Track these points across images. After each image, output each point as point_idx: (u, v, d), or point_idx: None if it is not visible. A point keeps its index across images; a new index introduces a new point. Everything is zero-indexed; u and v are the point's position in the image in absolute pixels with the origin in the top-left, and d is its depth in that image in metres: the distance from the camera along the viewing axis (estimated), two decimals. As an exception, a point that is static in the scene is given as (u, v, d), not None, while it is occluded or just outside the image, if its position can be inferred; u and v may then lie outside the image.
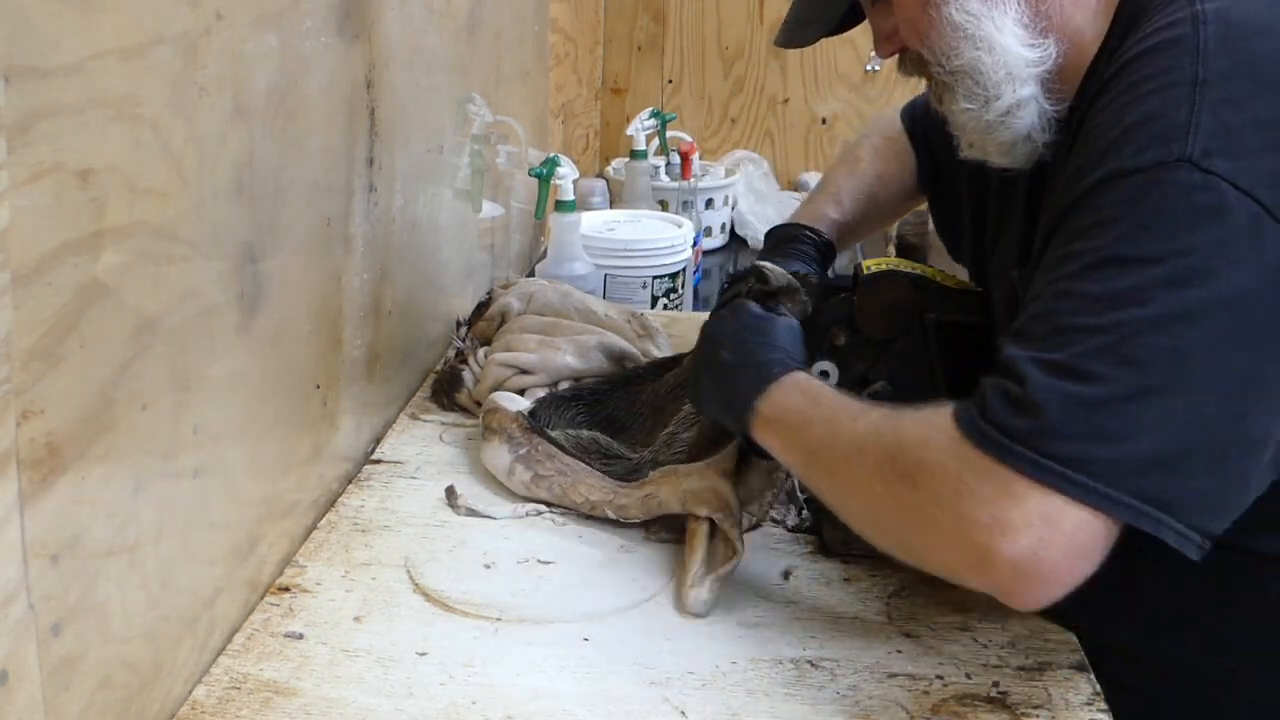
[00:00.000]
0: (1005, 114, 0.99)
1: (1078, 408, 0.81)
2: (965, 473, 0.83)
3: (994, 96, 0.98)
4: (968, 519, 0.82)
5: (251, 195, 0.94)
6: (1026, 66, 0.97)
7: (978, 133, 1.01)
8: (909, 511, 0.87)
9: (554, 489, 1.18)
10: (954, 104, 1.01)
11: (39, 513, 0.68)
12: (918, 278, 1.14)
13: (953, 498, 0.83)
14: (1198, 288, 0.81)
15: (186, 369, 0.85)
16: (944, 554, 0.86)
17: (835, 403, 0.98)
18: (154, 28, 0.78)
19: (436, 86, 1.48)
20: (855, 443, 0.92)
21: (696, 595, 1.02)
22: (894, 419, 0.91)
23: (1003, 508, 0.81)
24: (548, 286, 1.56)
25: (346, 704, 0.89)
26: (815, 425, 0.96)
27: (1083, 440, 0.80)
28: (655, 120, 2.47)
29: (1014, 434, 0.81)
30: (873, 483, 0.89)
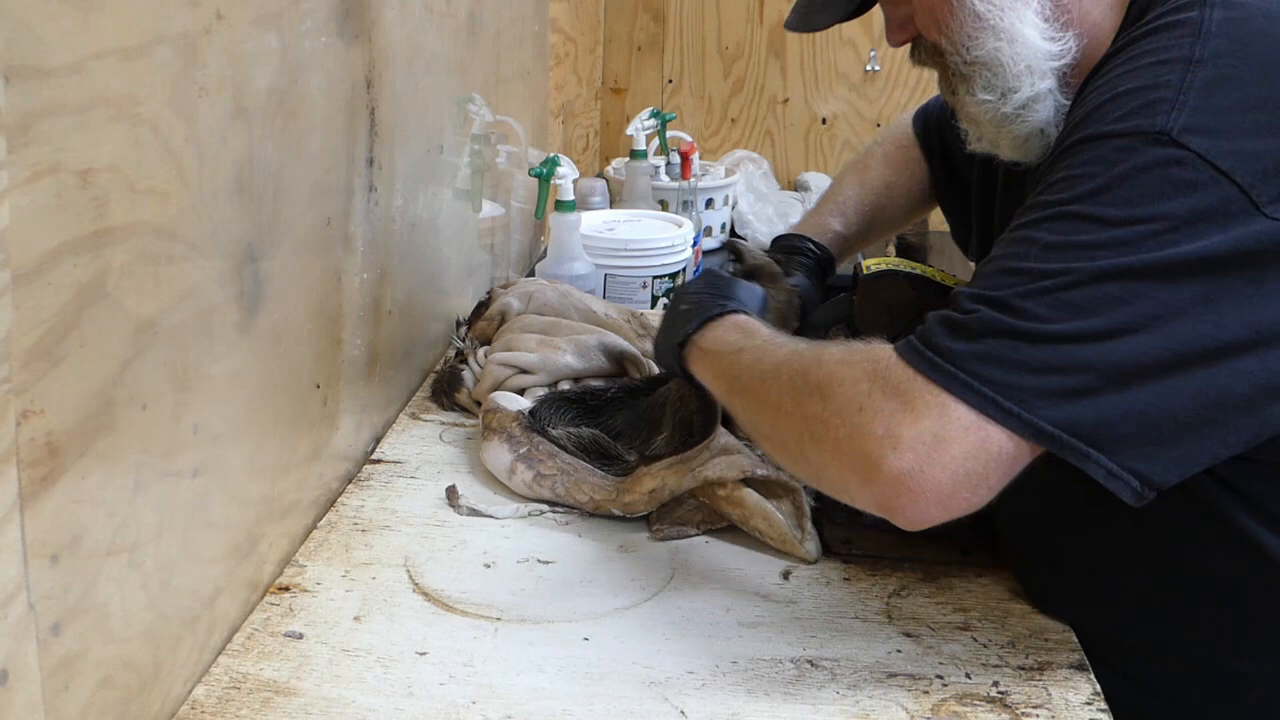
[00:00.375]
0: (1022, 107, 0.99)
1: (1013, 338, 0.82)
2: (875, 388, 0.85)
3: (1012, 89, 0.98)
4: (863, 430, 0.84)
5: (251, 195, 0.94)
6: (1046, 60, 0.98)
7: (992, 125, 1.01)
8: (810, 424, 0.89)
9: (556, 488, 1.18)
10: (969, 95, 1.01)
11: (39, 513, 0.68)
12: (917, 277, 1.15)
13: (854, 411, 0.85)
14: (1153, 252, 0.81)
15: (186, 369, 0.85)
16: (834, 466, 0.87)
17: (769, 335, 1.01)
18: (154, 28, 0.78)
19: (436, 86, 1.48)
20: (776, 364, 0.95)
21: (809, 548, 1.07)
22: (821, 345, 0.95)
23: (899, 422, 0.83)
24: (548, 286, 1.56)
25: (346, 704, 0.89)
26: (745, 354, 1.00)
27: (1016, 369, 0.82)
28: (655, 120, 2.47)
29: (947, 354, 0.84)
30: (782, 397, 0.92)
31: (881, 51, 2.93)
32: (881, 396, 0.84)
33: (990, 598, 1.05)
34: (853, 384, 0.86)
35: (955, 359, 0.83)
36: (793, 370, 0.93)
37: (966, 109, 1.03)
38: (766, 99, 3.00)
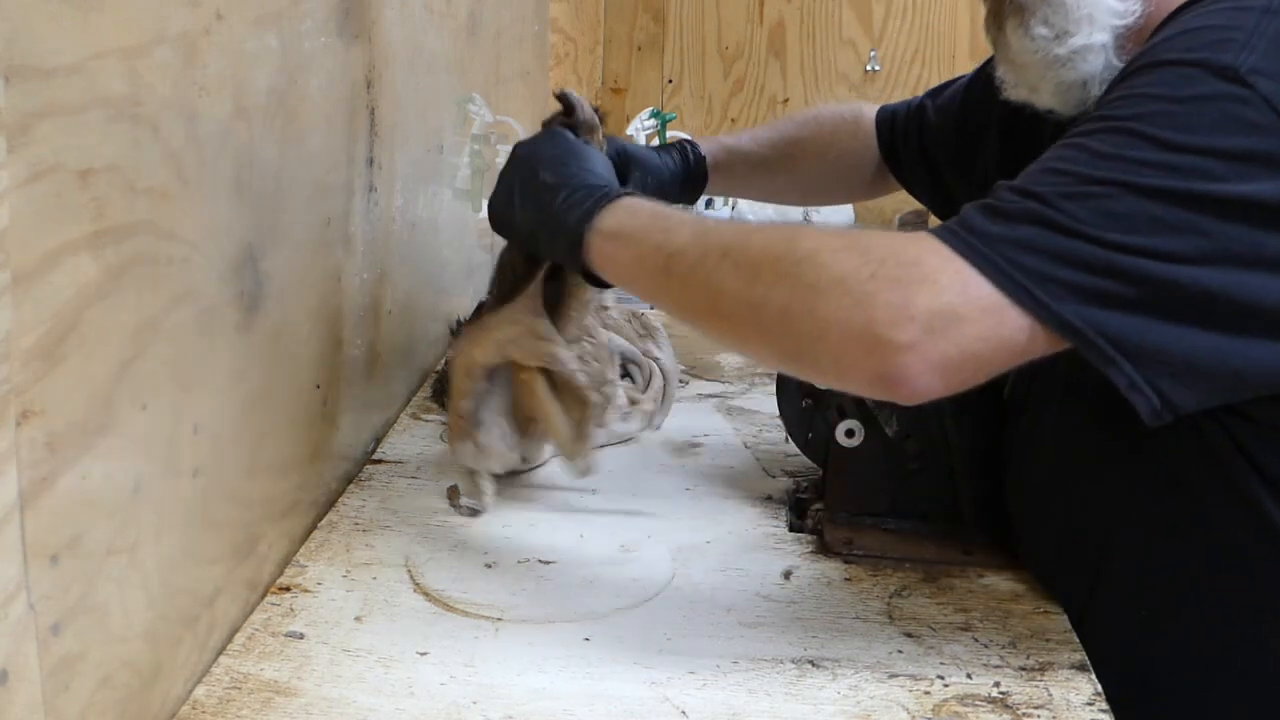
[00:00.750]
0: (1074, 53, 0.98)
1: (1052, 230, 0.82)
2: (890, 258, 0.82)
3: (1069, 32, 0.98)
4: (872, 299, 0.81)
5: (251, 195, 0.94)
6: (1109, 16, 0.98)
7: (1040, 66, 1.00)
8: (801, 294, 0.84)
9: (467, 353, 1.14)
10: (1022, 30, 1.00)
11: (39, 513, 0.68)
12: (918, 277, 1.14)
13: (864, 279, 0.81)
14: (1202, 184, 0.81)
15: (186, 369, 0.85)
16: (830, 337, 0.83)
17: (692, 216, 0.97)
18: (154, 28, 0.78)
19: (436, 86, 1.48)
20: (739, 237, 0.90)
21: (579, 465, 0.99)
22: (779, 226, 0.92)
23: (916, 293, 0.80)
24: (548, 286, 1.56)
25: (347, 704, 0.89)
26: (675, 232, 0.93)
27: (1052, 260, 0.81)
28: (655, 120, 2.46)
29: (982, 235, 0.82)
30: (759, 270, 0.87)
31: (881, 51, 2.93)
32: (897, 266, 0.82)
33: (992, 598, 1.05)
34: (861, 252, 0.83)
35: (990, 241, 0.82)
36: (771, 240, 0.88)
37: (1012, 48, 1.02)
38: (766, 99, 3.00)
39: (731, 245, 0.90)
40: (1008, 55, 1.04)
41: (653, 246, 0.93)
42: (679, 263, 0.91)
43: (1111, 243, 0.81)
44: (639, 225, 0.96)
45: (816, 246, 0.85)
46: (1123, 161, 0.83)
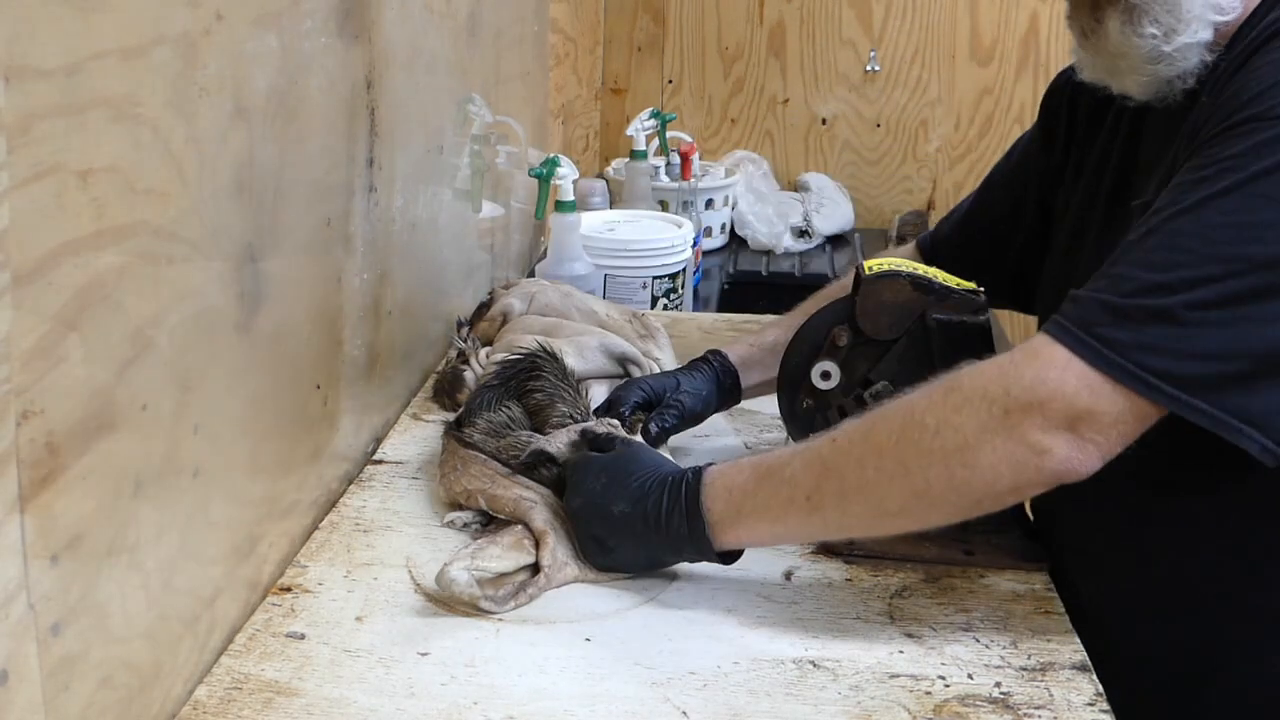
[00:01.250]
0: (1177, 50, 1.00)
1: (1175, 327, 0.87)
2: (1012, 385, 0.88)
3: (1176, 31, 0.99)
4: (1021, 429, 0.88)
5: (251, 195, 0.94)
6: (1213, 12, 0.99)
7: (1141, 61, 1.01)
8: (956, 456, 0.89)
9: (447, 484, 1.17)
10: (1129, 28, 1.01)
11: (39, 513, 0.68)
12: (919, 278, 1.14)
13: (1000, 415, 0.88)
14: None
15: (186, 369, 0.85)
16: (1008, 475, 0.90)
17: (784, 454, 0.99)
18: (154, 28, 0.78)
19: (436, 86, 1.48)
20: (859, 444, 0.94)
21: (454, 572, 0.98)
22: (877, 409, 0.95)
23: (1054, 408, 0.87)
24: (549, 287, 1.56)
25: (348, 704, 0.88)
26: (791, 478, 0.96)
27: (1177, 358, 0.86)
28: (655, 120, 2.47)
29: (1109, 342, 0.87)
30: (904, 460, 0.91)
31: (881, 52, 2.93)
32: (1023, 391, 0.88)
33: (993, 598, 1.05)
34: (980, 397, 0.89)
35: (1118, 348, 0.87)
36: (892, 429, 0.92)
37: (1111, 39, 1.02)
38: (766, 99, 3.00)
39: (858, 454, 0.94)
40: (1104, 45, 1.04)
41: (783, 503, 0.97)
42: (821, 498, 0.95)
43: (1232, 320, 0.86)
44: (749, 496, 0.98)
45: (939, 414, 0.90)
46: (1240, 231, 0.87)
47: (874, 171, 3.01)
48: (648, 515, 1.01)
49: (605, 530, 1.03)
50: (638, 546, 1.03)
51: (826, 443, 0.96)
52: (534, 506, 1.08)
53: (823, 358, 1.17)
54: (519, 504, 1.09)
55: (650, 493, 1.01)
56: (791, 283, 2.55)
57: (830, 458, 0.95)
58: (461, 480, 1.14)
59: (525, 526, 1.07)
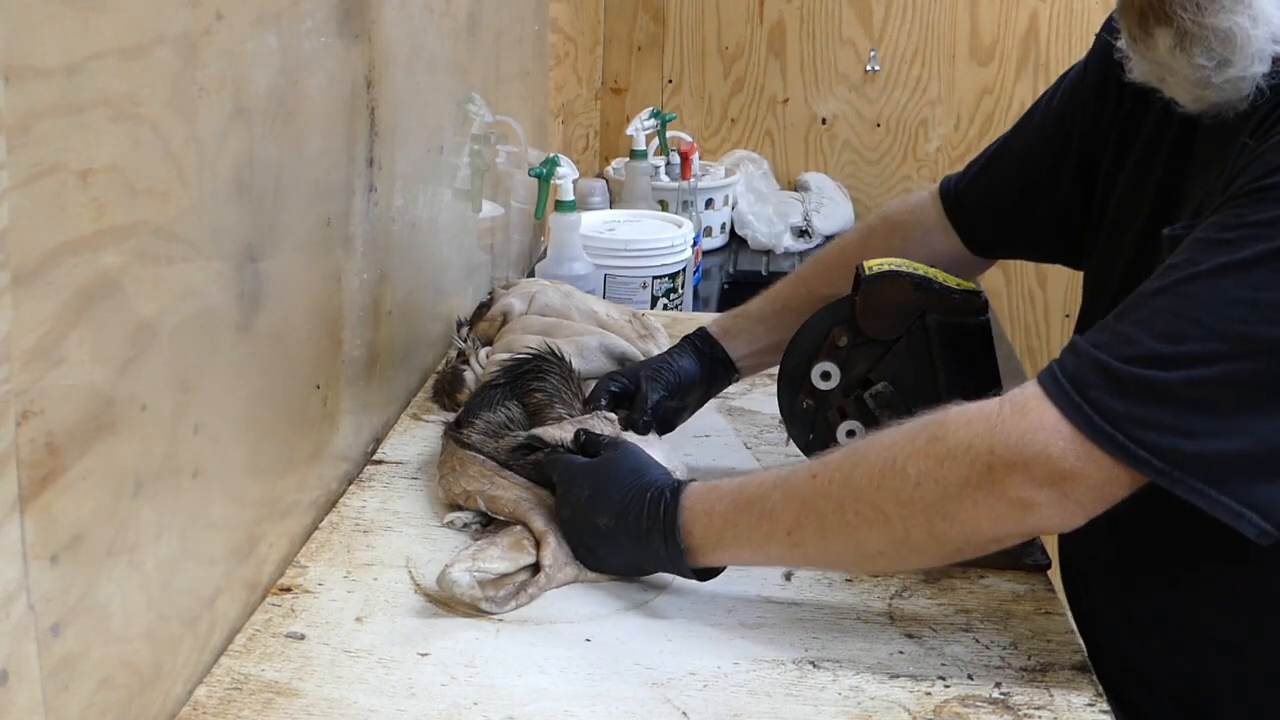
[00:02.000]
0: (1228, 81, 0.94)
1: (1171, 407, 0.84)
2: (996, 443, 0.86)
3: (1231, 64, 0.93)
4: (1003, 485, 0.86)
5: (251, 195, 0.94)
6: (1273, 44, 0.92)
7: (1190, 84, 0.96)
8: (936, 507, 0.88)
9: (446, 484, 1.17)
10: (1180, 50, 0.94)
11: (39, 513, 0.68)
12: (919, 278, 1.14)
13: (983, 470, 0.87)
14: None
15: (186, 369, 0.85)
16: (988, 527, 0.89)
17: (765, 481, 0.98)
18: (154, 28, 0.78)
19: (436, 86, 1.48)
20: (839, 487, 0.93)
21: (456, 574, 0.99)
22: (860, 447, 0.94)
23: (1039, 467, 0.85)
24: (549, 287, 1.56)
25: (348, 704, 0.88)
26: (771, 511, 0.95)
27: (1172, 434, 0.84)
28: (655, 120, 2.47)
29: (1103, 411, 0.85)
30: (884, 507, 0.90)
31: (881, 51, 2.93)
32: (1006, 450, 0.86)
33: (993, 599, 1.05)
34: (964, 452, 0.88)
35: (1112, 419, 0.85)
36: (874, 476, 0.91)
37: (1159, 52, 0.96)
38: (766, 99, 3.00)
39: (838, 496, 0.93)
40: (1152, 55, 0.98)
41: (763, 536, 0.96)
42: (802, 535, 0.94)
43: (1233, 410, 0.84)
44: (729, 525, 0.97)
45: (921, 465, 0.89)
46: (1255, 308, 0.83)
47: (874, 171, 3.00)
48: (629, 529, 1.01)
49: (593, 540, 1.04)
50: (624, 557, 1.04)
51: (807, 478, 0.95)
52: (534, 507, 1.08)
53: (823, 358, 1.17)
54: (518, 505, 1.09)
55: (630, 507, 1.01)
56: (791, 282, 2.55)
57: (811, 497, 0.94)
58: (460, 481, 1.14)
59: (525, 527, 1.07)
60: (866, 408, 1.15)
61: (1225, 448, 0.84)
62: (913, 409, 1.13)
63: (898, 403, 1.14)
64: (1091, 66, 1.18)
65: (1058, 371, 0.87)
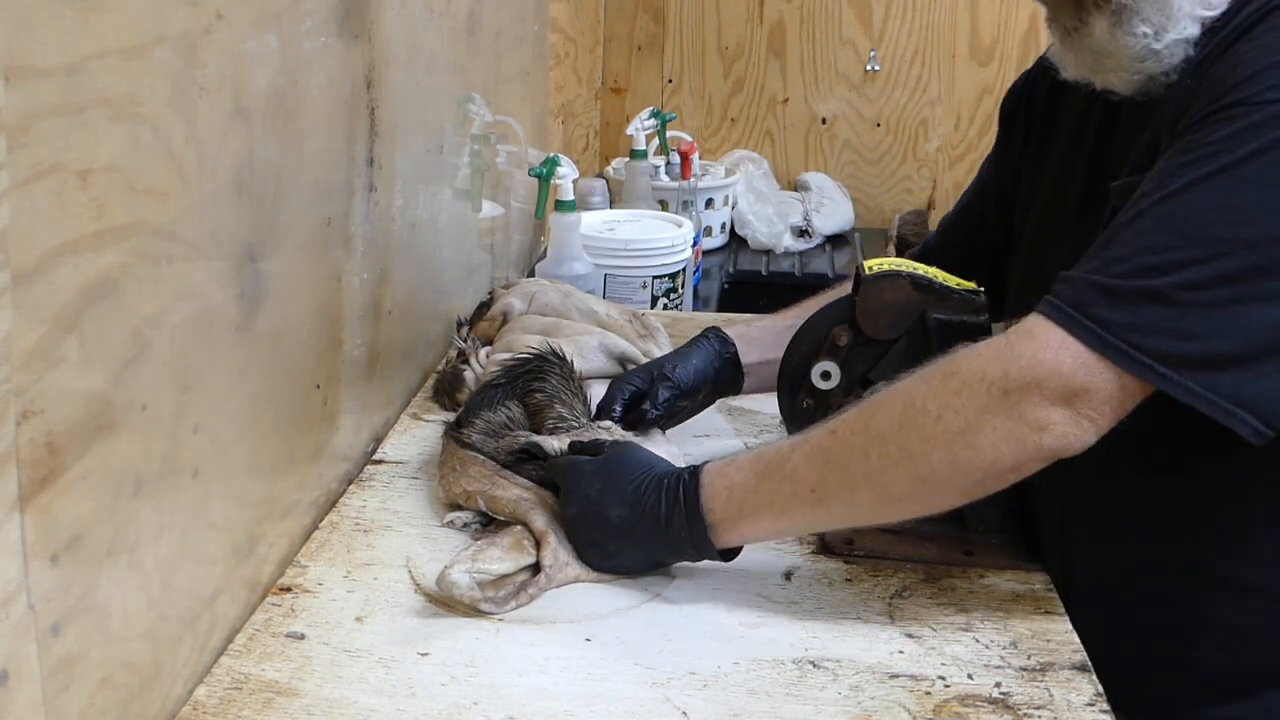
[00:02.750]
0: (1168, 46, 1.01)
1: (1168, 309, 0.88)
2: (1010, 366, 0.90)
3: (1166, 28, 1.00)
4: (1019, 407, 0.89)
5: (251, 195, 0.94)
6: (1202, 8, 1.00)
7: (1131, 59, 1.02)
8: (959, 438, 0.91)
9: (446, 484, 1.17)
10: (1120, 27, 1.01)
11: (39, 513, 0.68)
12: (919, 278, 1.14)
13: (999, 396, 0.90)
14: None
15: (186, 369, 0.85)
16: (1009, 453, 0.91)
17: (781, 447, 0.99)
18: (154, 28, 0.78)
19: (436, 86, 1.48)
20: (860, 434, 0.94)
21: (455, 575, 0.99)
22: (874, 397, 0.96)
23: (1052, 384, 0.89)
24: (549, 287, 1.56)
25: (348, 704, 0.88)
26: (791, 472, 0.96)
27: (1171, 338, 0.88)
28: (655, 120, 2.47)
29: (1104, 323, 0.88)
30: (908, 445, 0.92)
31: (881, 51, 2.93)
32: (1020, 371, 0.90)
33: (993, 599, 1.05)
34: (979, 380, 0.91)
35: (1112, 328, 0.89)
36: (894, 415, 0.93)
37: (1096, 39, 1.03)
38: (766, 99, 3.00)
39: (860, 443, 0.95)
40: (1088, 44, 1.04)
41: (786, 498, 0.97)
42: (826, 490, 0.96)
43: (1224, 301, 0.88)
44: (750, 493, 0.98)
45: (940, 399, 0.92)
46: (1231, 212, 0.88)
47: (874, 171, 3.01)
48: (646, 518, 1.01)
49: (604, 535, 1.03)
50: (637, 549, 1.03)
51: (825, 434, 0.97)
52: (534, 507, 1.08)
53: (823, 358, 1.17)
54: (518, 505, 1.09)
55: (647, 495, 1.01)
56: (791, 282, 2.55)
57: (832, 449, 0.96)
58: (460, 482, 1.14)
59: (525, 527, 1.07)
60: None
61: (1218, 348, 0.88)
62: None
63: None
64: (997, 135, 1.33)
65: (1055, 299, 0.91)
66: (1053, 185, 1.20)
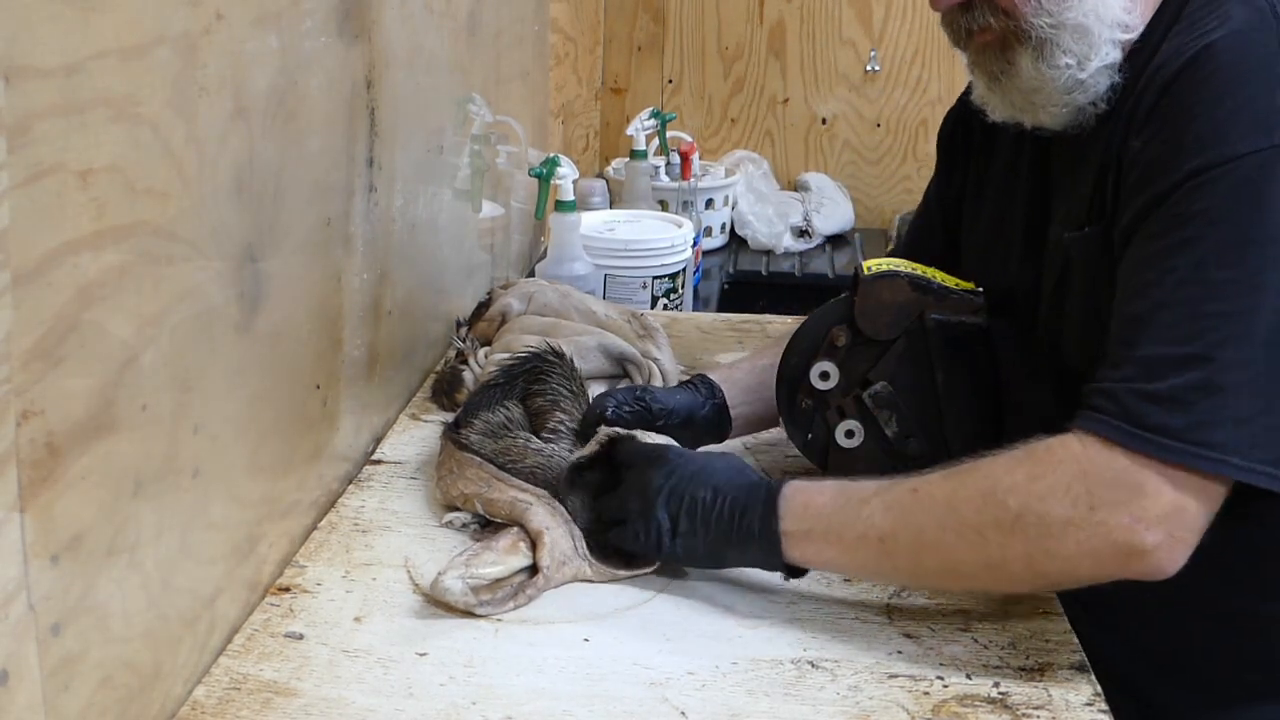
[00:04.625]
0: (1092, 75, 1.00)
1: (1220, 397, 0.87)
2: (1094, 484, 0.88)
3: (1090, 56, 1.00)
4: (1108, 525, 0.88)
5: (251, 195, 0.94)
6: (1120, 31, 1.00)
7: (1057, 91, 1.02)
8: (1035, 544, 0.90)
9: (444, 487, 1.16)
10: (1041, 62, 1.01)
11: (39, 513, 0.68)
12: (918, 278, 1.14)
13: (1085, 513, 0.88)
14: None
15: (186, 369, 0.85)
16: (1085, 566, 0.91)
17: (865, 487, 0.98)
18: (154, 28, 0.78)
19: (436, 86, 1.48)
20: (940, 506, 0.94)
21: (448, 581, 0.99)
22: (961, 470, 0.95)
23: (1140, 507, 0.87)
24: (548, 287, 1.56)
25: (347, 704, 0.89)
26: (869, 517, 0.96)
27: (1234, 425, 0.87)
28: (655, 120, 2.47)
29: (1167, 431, 0.87)
30: (984, 533, 0.92)
31: (881, 52, 2.93)
32: (1106, 490, 0.88)
33: (991, 599, 1.05)
34: (1064, 490, 0.89)
35: (1177, 434, 0.87)
36: (973, 499, 0.93)
37: (1023, 77, 1.03)
38: (766, 99, 3.00)
39: (939, 514, 0.94)
40: (1016, 84, 1.04)
41: (857, 536, 0.97)
42: (896, 545, 0.96)
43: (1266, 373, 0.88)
44: (823, 518, 0.98)
45: (1023, 499, 0.91)
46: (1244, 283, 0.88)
47: (874, 171, 3.01)
48: (727, 507, 1.00)
49: (683, 512, 1.02)
50: (707, 536, 1.01)
51: (908, 490, 0.96)
52: (530, 507, 1.08)
53: (821, 358, 1.17)
54: (514, 506, 1.09)
55: (735, 489, 1.01)
56: (791, 283, 2.55)
57: (910, 509, 0.95)
58: (458, 484, 1.14)
59: (521, 528, 1.07)
60: (865, 407, 1.15)
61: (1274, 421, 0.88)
62: (911, 409, 1.13)
63: (896, 402, 1.14)
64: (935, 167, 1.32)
65: (1106, 418, 0.90)
66: (992, 222, 1.20)
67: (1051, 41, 1.00)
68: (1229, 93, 0.90)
